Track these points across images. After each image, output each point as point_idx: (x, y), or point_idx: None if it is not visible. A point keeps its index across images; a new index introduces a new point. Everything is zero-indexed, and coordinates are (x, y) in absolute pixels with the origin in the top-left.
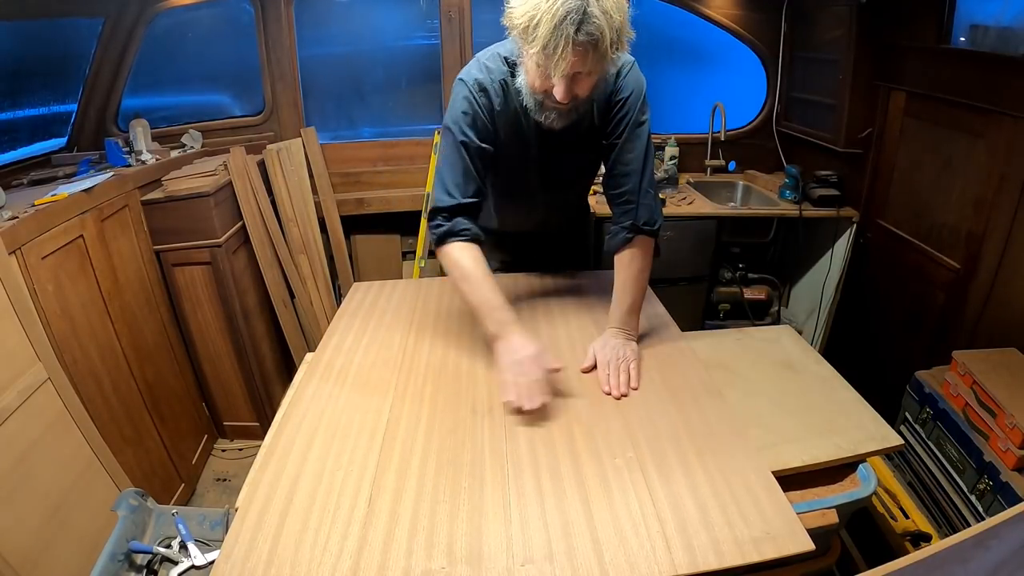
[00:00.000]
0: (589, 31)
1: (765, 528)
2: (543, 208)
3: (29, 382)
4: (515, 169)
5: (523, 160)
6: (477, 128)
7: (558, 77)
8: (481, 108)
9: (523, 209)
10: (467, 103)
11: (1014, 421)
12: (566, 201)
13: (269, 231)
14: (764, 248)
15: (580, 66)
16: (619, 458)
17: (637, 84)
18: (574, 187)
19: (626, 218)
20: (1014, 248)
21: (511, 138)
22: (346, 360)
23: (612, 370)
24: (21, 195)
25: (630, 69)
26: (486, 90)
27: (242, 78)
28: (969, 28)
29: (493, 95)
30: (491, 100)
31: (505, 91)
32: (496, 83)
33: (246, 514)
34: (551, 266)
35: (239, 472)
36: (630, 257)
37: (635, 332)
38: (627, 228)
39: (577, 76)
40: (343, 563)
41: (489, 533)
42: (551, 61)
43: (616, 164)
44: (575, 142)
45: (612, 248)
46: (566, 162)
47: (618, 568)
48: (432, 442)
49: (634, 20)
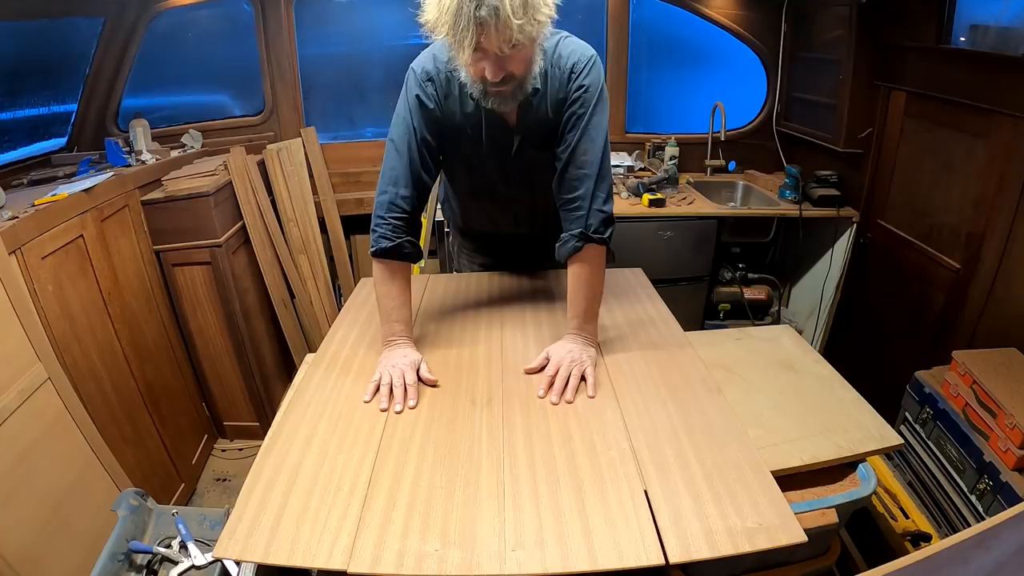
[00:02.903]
0: (489, 3)
1: (758, 519)
2: (510, 208)
3: (29, 382)
4: (475, 166)
5: (480, 156)
6: (423, 118)
7: (469, 56)
8: (427, 98)
9: (488, 207)
10: (413, 92)
11: (1014, 421)
12: (533, 204)
13: (269, 231)
14: (764, 248)
15: (490, 41)
16: (614, 449)
17: (595, 80)
18: (537, 187)
19: (575, 225)
20: (1014, 248)
21: (466, 131)
22: (351, 352)
23: (563, 370)
24: (21, 195)
25: (591, 65)
26: (433, 76)
27: (242, 78)
28: (969, 28)
29: (439, 85)
30: (437, 91)
31: (452, 81)
32: (444, 72)
33: (251, 493)
34: (533, 269)
35: (239, 472)
36: (579, 267)
37: (594, 338)
38: (576, 236)
39: (501, 54)
40: (341, 541)
41: (483, 519)
42: (463, 43)
43: (569, 166)
44: (531, 138)
45: (561, 257)
46: (525, 159)
47: (607, 555)
48: (431, 431)
49: (634, 20)
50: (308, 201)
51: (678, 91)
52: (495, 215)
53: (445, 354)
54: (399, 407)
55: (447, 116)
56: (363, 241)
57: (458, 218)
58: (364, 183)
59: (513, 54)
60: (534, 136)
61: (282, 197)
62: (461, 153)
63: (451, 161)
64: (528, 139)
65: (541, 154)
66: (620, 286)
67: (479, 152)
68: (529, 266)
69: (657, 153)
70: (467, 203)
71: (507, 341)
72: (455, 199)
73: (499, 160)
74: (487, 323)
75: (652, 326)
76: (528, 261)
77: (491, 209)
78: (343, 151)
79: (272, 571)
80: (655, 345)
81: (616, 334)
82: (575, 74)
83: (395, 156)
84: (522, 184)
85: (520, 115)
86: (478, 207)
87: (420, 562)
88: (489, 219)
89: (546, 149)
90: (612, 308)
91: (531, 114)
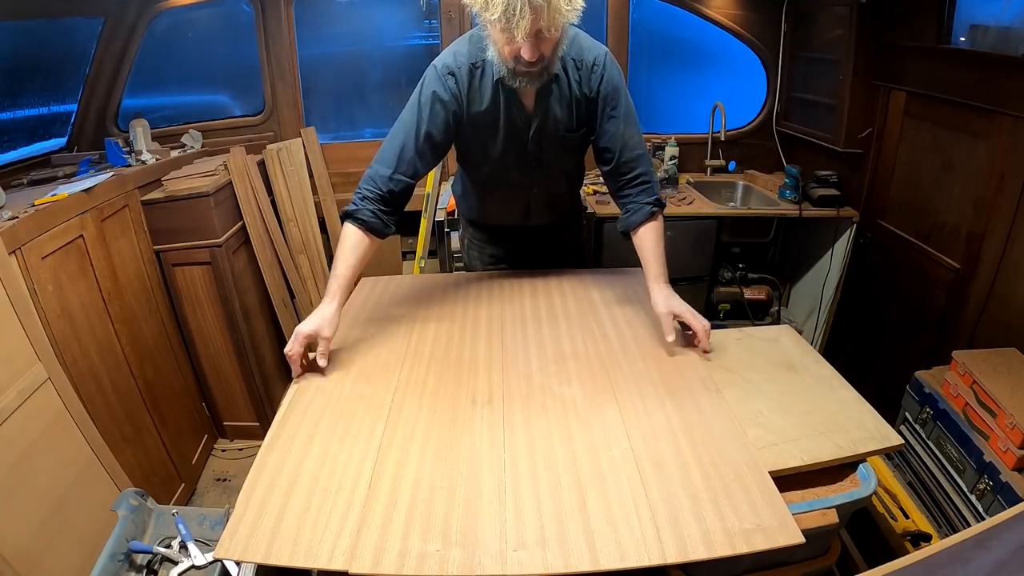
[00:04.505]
0: None
1: (756, 520)
2: (524, 195)
3: (29, 382)
4: (491, 152)
5: (497, 141)
6: (434, 113)
7: (522, 38)
8: (446, 90)
9: (503, 195)
10: (431, 88)
11: (1014, 421)
12: (547, 189)
13: (269, 231)
14: (764, 248)
15: (540, 22)
16: (614, 449)
17: (619, 73)
18: (550, 171)
19: (646, 195)
20: (1014, 248)
21: (485, 118)
22: (352, 350)
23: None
24: (21, 195)
25: (611, 60)
26: (455, 72)
27: (242, 78)
28: (969, 28)
29: (464, 75)
30: (461, 79)
31: (474, 73)
32: (466, 65)
33: (251, 493)
34: (545, 264)
35: (239, 472)
36: (655, 229)
37: None
38: (652, 203)
39: (540, 36)
40: (342, 541)
41: (484, 518)
42: (512, 23)
43: (623, 151)
44: (547, 122)
45: (635, 223)
46: (540, 143)
47: (608, 555)
48: (432, 430)
49: (634, 20)
50: (308, 201)
51: (678, 91)
52: (509, 204)
53: (445, 354)
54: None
55: (468, 105)
56: None
57: (473, 211)
58: None
59: (551, 37)
60: (551, 121)
61: (282, 197)
62: (479, 139)
63: (469, 148)
64: (545, 123)
65: (556, 137)
66: (620, 286)
67: (496, 137)
68: (537, 261)
69: (657, 153)
70: (482, 193)
71: (507, 341)
72: (471, 189)
73: (516, 145)
74: (487, 323)
75: (652, 326)
76: (537, 255)
77: (506, 197)
78: (343, 151)
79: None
80: (655, 345)
81: (616, 334)
82: (598, 67)
83: (391, 139)
84: (536, 169)
85: (538, 100)
86: (493, 196)
87: (422, 562)
88: (503, 209)
89: (560, 133)
90: (612, 308)
91: (548, 99)
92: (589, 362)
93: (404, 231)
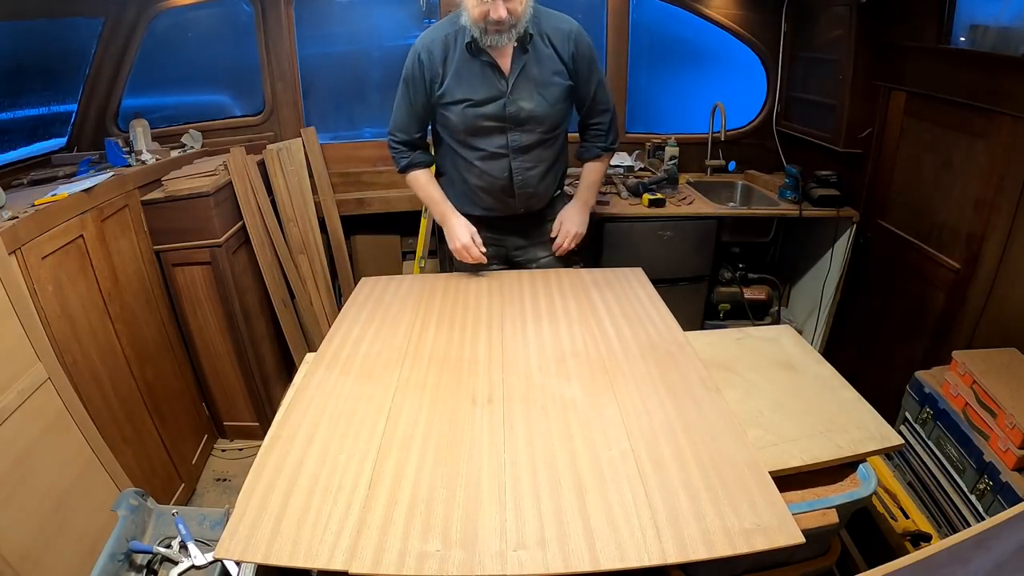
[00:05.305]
0: None
1: (756, 520)
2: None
3: (29, 382)
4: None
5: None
6: (416, 80)
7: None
8: (424, 60)
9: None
10: (412, 61)
11: (1014, 421)
12: (525, 155)
13: (269, 231)
14: (764, 248)
15: None
16: (614, 449)
17: (590, 40)
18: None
19: (599, 141)
20: (1014, 248)
21: (463, 80)
22: (352, 350)
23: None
24: (21, 195)
25: (580, 30)
26: (429, 47)
27: (242, 78)
28: (969, 28)
29: (438, 48)
30: (435, 52)
31: (448, 43)
32: (439, 39)
33: (251, 493)
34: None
35: (239, 472)
36: (597, 165)
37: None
38: (601, 148)
39: None
40: (342, 542)
41: (484, 518)
42: None
43: (595, 103)
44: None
45: (584, 157)
46: (517, 101)
47: (608, 555)
48: (432, 430)
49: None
50: (308, 201)
51: (678, 91)
52: (491, 181)
53: (445, 353)
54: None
55: (447, 69)
56: (363, 241)
57: (462, 198)
58: (364, 183)
59: None
60: (526, 80)
61: (282, 197)
62: (459, 99)
63: (450, 109)
64: (520, 83)
65: (532, 96)
66: (620, 286)
67: (476, 97)
68: (523, 254)
69: (657, 153)
70: (464, 172)
71: (507, 341)
72: (454, 169)
73: (494, 103)
74: (487, 323)
75: (652, 326)
76: (521, 248)
77: (487, 170)
78: (343, 151)
79: (271, 571)
80: (654, 345)
81: (616, 334)
82: (575, 34)
83: (395, 109)
84: (514, 131)
85: (514, 61)
86: (475, 173)
87: (422, 562)
88: (486, 190)
89: (535, 91)
90: (612, 308)
91: (524, 60)
92: (589, 362)
93: (404, 231)
